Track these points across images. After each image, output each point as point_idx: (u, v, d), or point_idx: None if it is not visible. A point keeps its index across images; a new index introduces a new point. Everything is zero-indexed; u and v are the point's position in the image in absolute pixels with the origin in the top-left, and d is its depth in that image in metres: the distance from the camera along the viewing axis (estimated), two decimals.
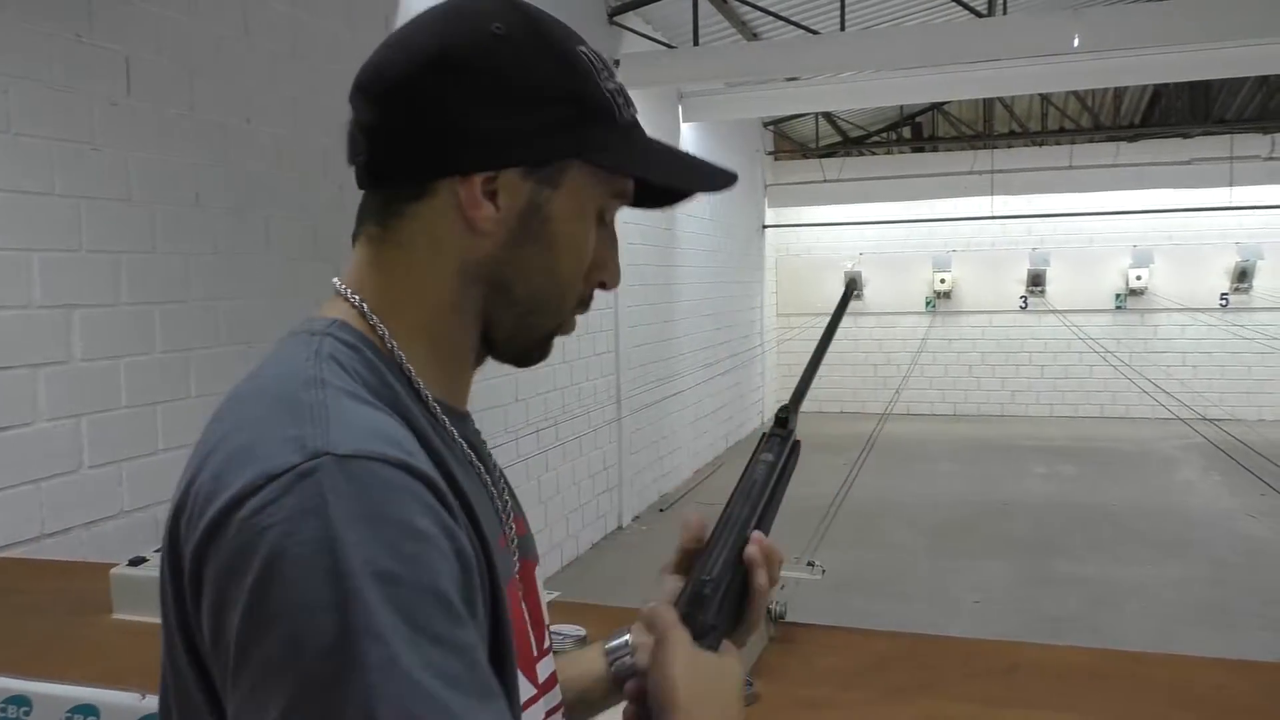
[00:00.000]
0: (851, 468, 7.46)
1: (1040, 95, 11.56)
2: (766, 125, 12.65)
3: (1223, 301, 11.95)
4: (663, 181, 0.83)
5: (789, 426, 0.94)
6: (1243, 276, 11.77)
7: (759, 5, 8.00)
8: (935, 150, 12.67)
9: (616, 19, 7.41)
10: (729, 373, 10.89)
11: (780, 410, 0.95)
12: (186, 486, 0.68)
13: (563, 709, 0.89)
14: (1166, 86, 11.09)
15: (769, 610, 1.52)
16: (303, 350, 0.73)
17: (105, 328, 3.14)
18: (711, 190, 0.85)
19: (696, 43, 7.75)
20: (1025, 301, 12.54)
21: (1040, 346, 12.62)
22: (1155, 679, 1.52)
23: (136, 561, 1.98)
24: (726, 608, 0.83)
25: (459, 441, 0.78)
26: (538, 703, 0.82)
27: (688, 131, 9.37)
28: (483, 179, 0.76)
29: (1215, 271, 11.93)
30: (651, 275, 8.38)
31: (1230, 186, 11.27)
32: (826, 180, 12.62)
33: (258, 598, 0.59)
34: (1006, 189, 11.89)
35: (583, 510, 7.17)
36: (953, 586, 6.13)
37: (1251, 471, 8.24)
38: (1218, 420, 10.43)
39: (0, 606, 2.07)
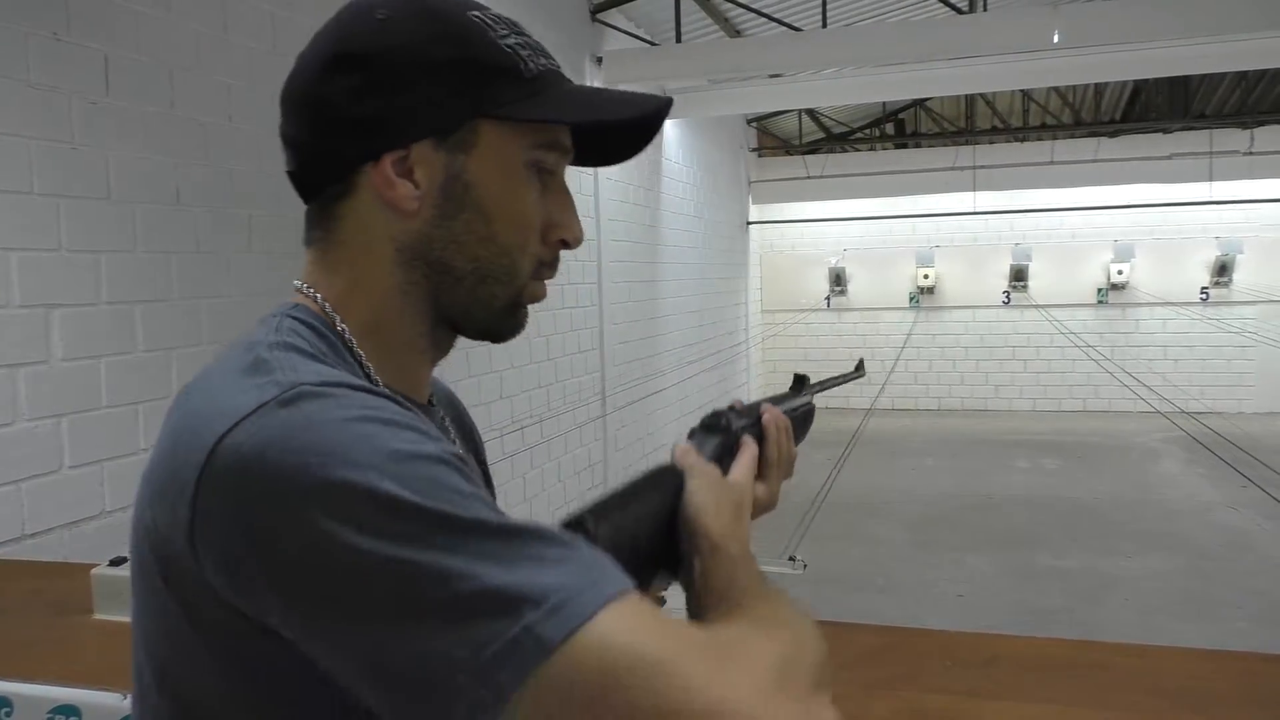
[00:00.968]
0: (835, 463, 7.48)
1: (1021, 91, 11.62)
2: (750, 122, 12.66)
3: (1203, 295, 12.03)
4: (580, 118, 0.82)
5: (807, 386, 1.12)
6: (1223, 270, 11.85)
7: (741, 2, 8.01)
8: (918, 146, 12.71)
9: (599, 16, 7.41)
10: (713, 369, 10.91)
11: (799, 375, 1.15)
12: (157, 459, 0.68)
13: None
14: (1146, 82, 11.15)
15: None
16: (260, 330, 0.76)
17: (85, 327, 3.13)
18: (640, 115, 0.84)
19: (679, 40, 7.76)
20: (1008, 296, 12.60)
21: (1023, 341, 12.68)
22: (1133, 669, 1.54)
23: (118, 561, 1.97)
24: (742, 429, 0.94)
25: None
26: None
27: (671, 128, 9.38)
28: (392, 159, 0.76)
29: (1196, 266, 12.02)
30: (635, 272, 8.38)
31: (1210, 181, 11.35)
32: (810, 176, 12.64)
33: (278, 518, 0.59)
34: (989, 184, 11.95)
35: (568, 507, 7.12)
36: (936, 580, 6.15)
37: (1231, 465, 8.30)
38: (1198, 414, 10.49)
39: None
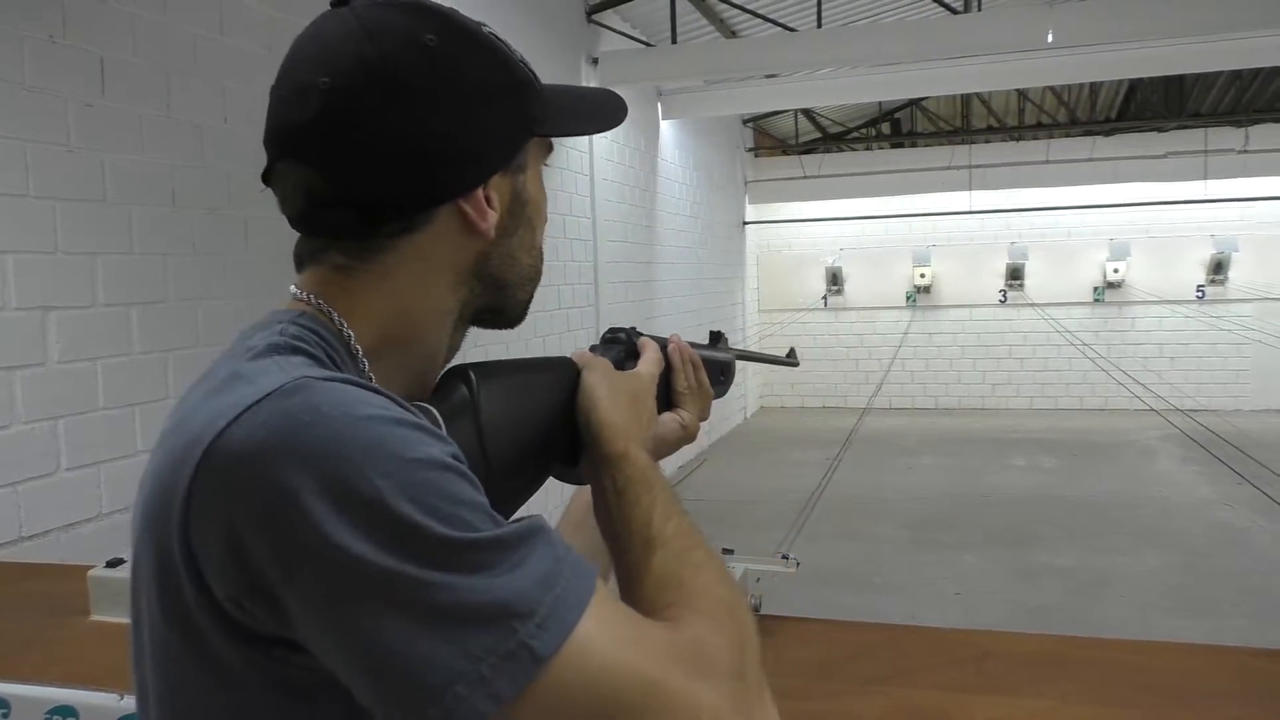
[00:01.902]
0: (831, 461, 7.48)
1: (1017, 90, 11.63)
2: (746, 122, 12.67)
3: (1199, 294, 12.04)
4: (604, 127, 0.87)
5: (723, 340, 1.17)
6: (1218, 269, 11.86)
7: (737, 3, 8.01)
8: (914, 146, 12.72)
9: (595, 17, 7.41)
10: None
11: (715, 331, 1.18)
12: (163, 458, 0.66)
13: None
14: (1141, 81, 11.15)
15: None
16: (259, 334, 0.73)
17: (82, 329, 3.13)
18: (614, 126, 0.89)
19: (675, 41, 7.76)
20: (1004, 295, 12.61)
21: (1020, 340, 12.69)
22: (1125, 664, 1.54)
23: (114, 563, 1.97)
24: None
25: None
26: None
27: (667, 129, 9.39)
28: (483, 190, 0.77)
29: (1191, 264, 12.02)
30: (632, 272, 8.38)
31: (1205, 180, 11.37)
32: (806, 176, 12.65)
33: (283, 514, 0.59)
34: (984, 184, 11.96)
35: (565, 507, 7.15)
36: (933, 579, 6.16)
37: (1226, 463, 8.32)
38: (1194, 411, 10.52)
39: None
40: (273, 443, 0.60)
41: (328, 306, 0.76)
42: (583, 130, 0.86)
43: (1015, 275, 12.44)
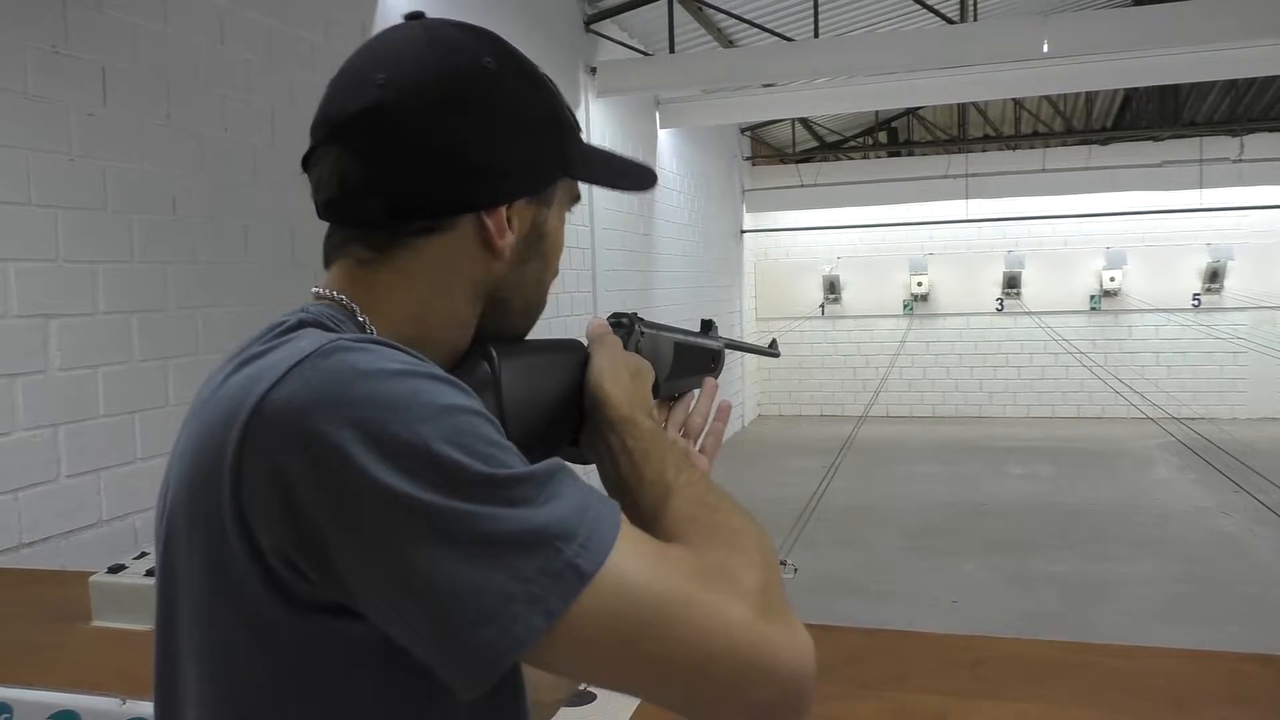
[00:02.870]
0: (829, 469, 7.50)
1: (1013, 100, 11.67)
2: (744, 131, 12.71)
3: (1195, 302, 12.06)
4: (617, 186, 0.93)
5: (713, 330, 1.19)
6: (1214, 277, 11.89)
7: (734, 13, 8.05)
8: (911, 154, 12.77)
9: (593, 27, 7.45)
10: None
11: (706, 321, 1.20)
12: (201, 427, 0.70)
13: None
14: (1137, 90, 11.21)
15: None
16: (283, 321, 0.76)
17: (83, 337, 3.14)
18: (643, 190, 0.95)
19: (673, 50, 7.79)
20: (1001, 304, 12.62)
21: (1017, 348, 12.71)
22: (1119, 669, 1.56)
23: (116, 569, 1.98)
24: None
25: None
26: None
27: (665, 137, 9.41)
28: (505, 210, 0.81)
29: (1187, 272, 12.05)
30: (630, 281, 8.40)
31: (1200, 189, 11.41)
32: (804, 185, 12.69)
33: (334, 466, 0.62)
34: (981, 192, 12.00)
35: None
36: (930, 586, 6.17)
37: (1223, 471, 8.34)
38: (1191, 419, 10.54)
39: None
40: (317, 398, 0.64)
41: (350, 301, 0.80)
42: (613, 183, 0.92)
43: (1012, 283, 12.46)
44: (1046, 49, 6.53)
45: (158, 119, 3.42)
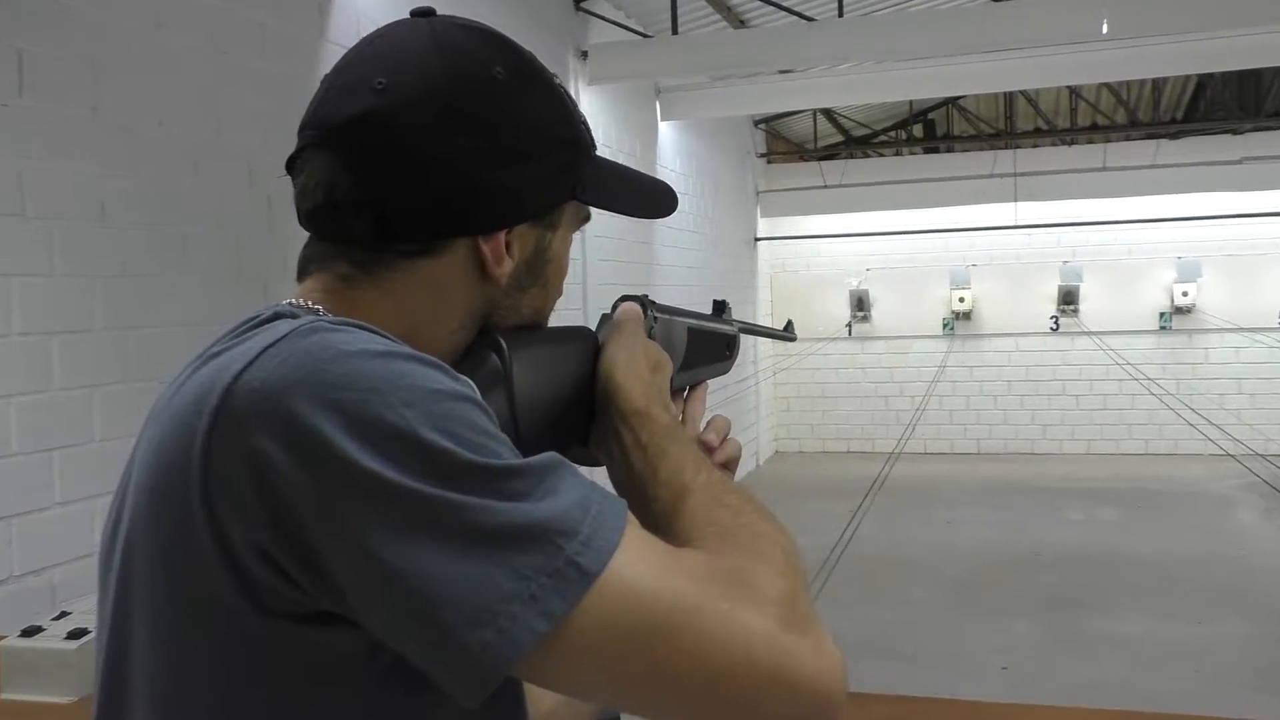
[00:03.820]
0: (855, 513, 7.49)
1: (1068, 88, 11.72)
2: (757, 124, 12.77)
3: None
4: (632, 213, 0.96)
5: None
6: None
7: None
8: (950, 151, 12.82)
9: (584, 5, 7.50)
10: (718, 407, 10.88)
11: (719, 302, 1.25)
12: (165, 425, 0.72)
13: None
14: (1211, 77, 11.26)
15: None
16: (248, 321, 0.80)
17: None
18: (662, 216, 1.00)
19: (675, 31, 7.84)
20: (1056, 322, 12.63)
21: (1074, 374, 12.70)
22: None
23: (31, 632, 1.98)
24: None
25: None
26: None
27: (667, 131, 9.45)
28: (505, 235, 0.84)
29: (1273, 285, 12.02)
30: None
31: None
32: (827, 186, 12.73)
33: (317, 453, 0.64)
34: (1032, 194, 12.01)
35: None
36: (976, 649, 6.15)
37: None
38: (1278, 456, 10.52)
39: None
40: (295, 378, 0.66)
41: (328, 314, 0.82)
42: (627, 210, 0.94)
43: (1069, 299, 12.46)
44: (1106, 29, 6.57)
45: (83, 111, 3.44)
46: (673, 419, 0.91)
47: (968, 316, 12.84)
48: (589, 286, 7.40)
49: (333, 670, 0.69)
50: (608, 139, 7.94)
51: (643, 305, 1.05)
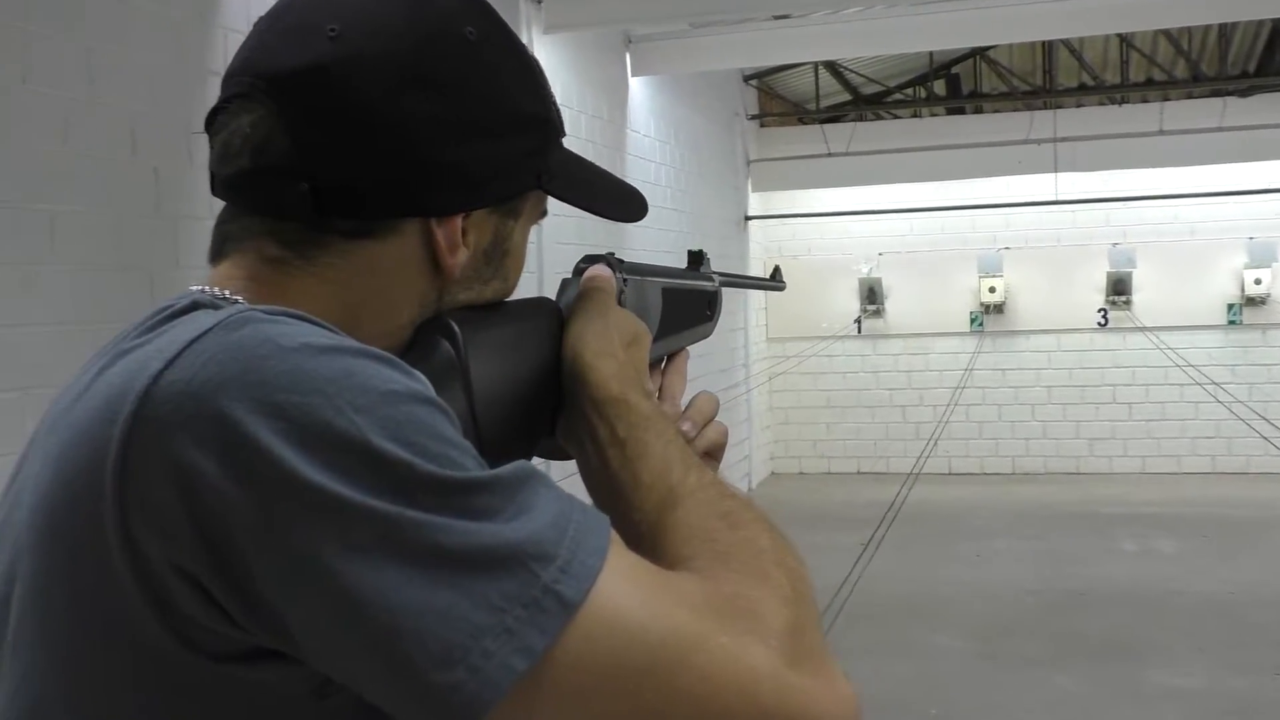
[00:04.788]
0: (867, 545, 7.51)
1: (1118, 36, 11.76)
2: (748, 80, 12.77)
3: None
4: (597, 212, 0.99)
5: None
6: None
7: None
8: (978, 112, 12.84)
9: None
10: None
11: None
12: (65, 437, 0.72)
13: None
14: None
15: None
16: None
17: None
18: (628, 221, 1.04)
19: None
20: (1105, 317, 12.65)
21: (1126, 378, 12.73)
22: None
23: None
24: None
25: None
26: None
27: (639, 88, 9.42)
28: (462, 220, 0.85)
29: None
30: None
31: None
32: (831, 154, 12.69)
33: (246, 453, 0.65)
34: (1075, 164, 12.00)
35: None
36: (1010, 706, 6.18)
37: None
38: None
39: None
40: (225, 377, 0.66)
41: (250, 303, 0.81)
42: (594, 206, 0.97)
43: (1119, 289, 12.48)
44: None
45: None
46: (654, 406, 0.92)
47: (999, 310, 12.86)
48: (545, 276, 7.38)
49: (273, 713, 0.70)
50: (568, 99, 7.91)
51: (610, 266, 1.05)
